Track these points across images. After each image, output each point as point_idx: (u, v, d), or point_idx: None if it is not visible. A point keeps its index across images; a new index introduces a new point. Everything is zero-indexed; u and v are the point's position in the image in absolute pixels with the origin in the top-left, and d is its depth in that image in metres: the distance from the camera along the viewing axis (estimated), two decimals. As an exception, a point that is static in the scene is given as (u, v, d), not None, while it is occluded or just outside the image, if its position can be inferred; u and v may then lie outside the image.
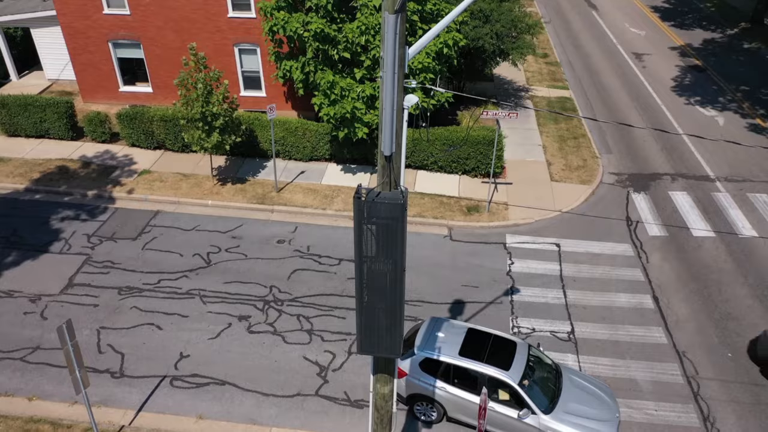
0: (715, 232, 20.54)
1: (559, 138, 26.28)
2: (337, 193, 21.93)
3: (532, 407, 12.94)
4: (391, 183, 8.11)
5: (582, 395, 13.56)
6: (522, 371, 13.31)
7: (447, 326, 14.40)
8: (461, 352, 13.59)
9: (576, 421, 12.92)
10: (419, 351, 13.76)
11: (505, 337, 14.17)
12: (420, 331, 14.34)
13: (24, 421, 13.69)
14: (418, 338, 14.09)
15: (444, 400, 13.63)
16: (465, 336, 14.00)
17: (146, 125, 23.66)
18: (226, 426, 13.84)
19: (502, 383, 13.19)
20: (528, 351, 13.90)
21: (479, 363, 13.35)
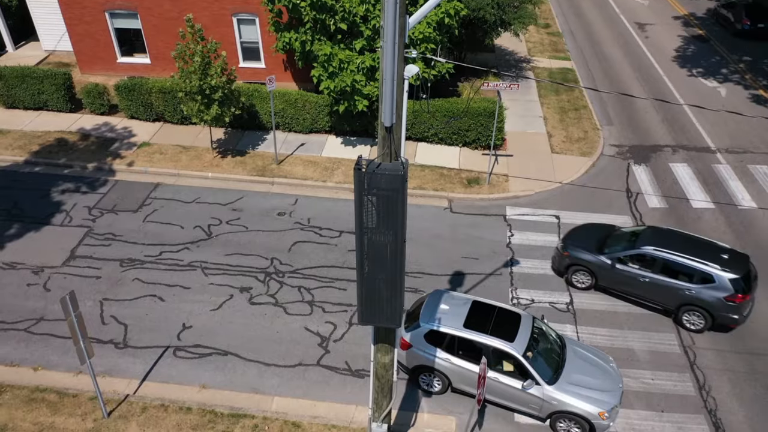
0: (715, 203, 20.58)
1: (560, 109, 26.15)
2: (337, 166, 21.91)
3: (536, 378, 13.06)
4: (391, 154, 8.12)
5: (585, 366, 13.68)
6: (526, 343, 13.39)
7: (451, 299, 14.49)
8: (466, 324, 13.69)
9: (579, 391, 13.07)
10: (424, 323, 13.87)
11: (510, 310, 14.26)
12: (425, 303, 14.43)
13: (30, 391, 13.90)
14: (422, 311, 14.18)
15: (448, 372, 13.75)
16: (469, 308, 14.10)
17: (145, 97, 23.53)
18: (229, 395, 14.06)
19: (506, 355, 13.29)
20: (532, 323, 13.98)
21: (484, 335, 13.45)
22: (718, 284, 15.24)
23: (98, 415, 13.38)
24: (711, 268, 15.39)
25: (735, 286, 15.14)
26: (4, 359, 14.71)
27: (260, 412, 13.60)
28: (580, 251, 16.83)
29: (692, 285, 15.51)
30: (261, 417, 13.47)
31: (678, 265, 15.67)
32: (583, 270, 16.83)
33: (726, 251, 16.02)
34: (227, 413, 13.53)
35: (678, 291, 15.66)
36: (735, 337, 15.75)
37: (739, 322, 15.49)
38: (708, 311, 15.40)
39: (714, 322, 15.50)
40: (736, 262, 15.64)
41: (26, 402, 13.62)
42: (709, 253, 15.81)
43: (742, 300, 15.11)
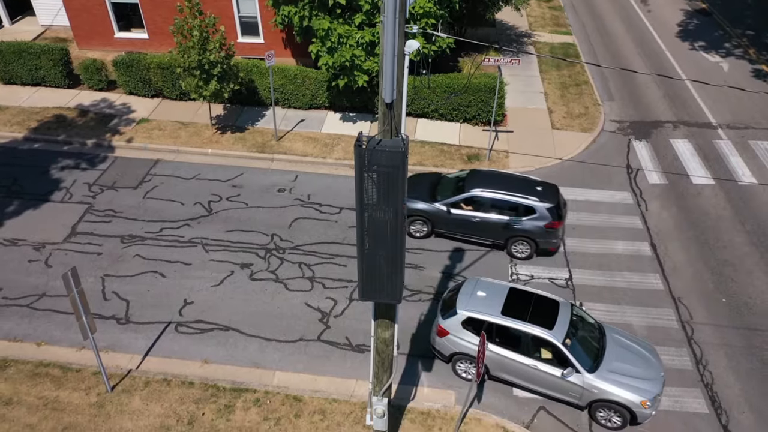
0: (715, 179, 20.57)
1: (561, 85, 25.99)
2: (337, 142, 21.84)
3: (576, 366, 12.94)
4: (392, 131, 8.09)
5: (626, 354, 13.48)
6: (565, 330, 13.24)
7: (488, 286, 14.33)
8: (504, 311, 13.55)
9: (620, 379, 12.90)
10: (461, 310, 13.73)
11: (548, 297, 14.07)
12: (461, 290, 14.30)
13: (34, 365, 14.04)
14: (459, 297, 14.06)
15: (486, 359, 13.59)
16: (507, 295, 13.95)
17: (143, 73, 23.36)
18: (231, 369, 14.21)
19: (545, 342, 13.17)
20: (571, 310, 13.84)
21: (522, 322, 13.30)
22: (539, 214, 16.71)
23: (102, 389, 13.55)
24: (531, 201, 16.78)
25: (552, 215, 16.68)
26: (8, 335, 14.84)
27: (262, 387, 13.76)
28: (416, 202, 17.52)
29: (518, 218, 16.85)
30: (262, 391, 13.64)
31: (504, 202, 16.92)
32: (420, 219, 17.59)
33: (539, 184, 17.39)
34: (229, 387, 13.69)
35: (506, 225, 16.98)
36: (733, 312, 15.88)
37: (557, 246, 17.25)
38: (532, 239, 16.92)
39: (537, 248, 17.09)
40: (550, 193, 17.10)
41: (30, 376, 13.78)
42: (526, 188, 17.13)
43: (558, 226, 16.75)
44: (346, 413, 13.25)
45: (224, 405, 13.31)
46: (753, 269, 17.18)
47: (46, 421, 12.88)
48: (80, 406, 13.20)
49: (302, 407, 13.34)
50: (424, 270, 16.91)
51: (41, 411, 13.07)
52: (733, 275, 16.99)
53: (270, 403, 13.39)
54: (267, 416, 13.12)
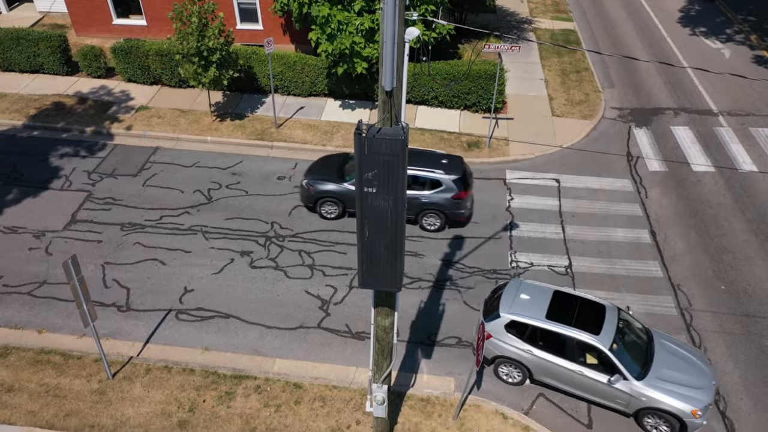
0: (716, 167, 20.54)
1: (562, 72, 25.88)
2: (336, 129, 21.78)
3: (623, 372, 12.61)
4: (392, 119, 8.07)
5: (675, 361, 13.10)
6: (612, 336, 12.89)
7: (532, 288, 14.03)
8: (548, 315, 13.26)
9: (670, 387, 12.55)
10: (504, 313, 13.49)
11: (594, 300, 13.74)
12: (504, 292, 14.03)
13: (35, 353, 14.10)
14: (503, 300, 13.80)
15: (529, 363, 13.41)
16: (552, 298, 13.67)
17: (142, 60, 23.25)
18: (232, 357, 14.27)
19: (591, 348, 12.83)
20: (618, 315, 13.47)
21: (568, 327, 13.01)
22: (445, 187, 17.08)
23: (103, 376, 13.61)
24: (437, 174, 17.13)
25: (458, 186, 17.07)
26: (9, 322, 14.89)
27: (262, 374, 13.83)
28: (325, 183, 17.63)
29: (426, 192, 17.14)
30: (263, 378, 13.71)
31: (411, 177, 17.12)
32: (330, 200, 17.69)
33: (444, 157, 17.71)
34: (230, 375, 13.76)
35: (416, 200, 17.24)
36: (732, 299, 15.92)
37: (465, 215, 17.56)
38: (441, 211, 17.25)
39: (447, 220, 17.43)
40: (455, 165, 17.42)
41: (32, 364, 13.84)
42: (432, 161, 17.44)
43: (465, 196, 17.18)
44: (346, 400, 13.32)
45: (225, 392, 13.38)
46: (752, 256, 17.21)
47: (47, 407, 12.95)
48: (82, 392, 13.27)
49: (302, 394, 13.41)
50: (423, 258, 16.93)
51: (43, 398, 13.14)
52: (732, 262, 17.02)
53: (270, 390, 13.47)
54: (267, 403, 13.20)
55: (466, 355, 14.47)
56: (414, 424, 12.90)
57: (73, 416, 12.81)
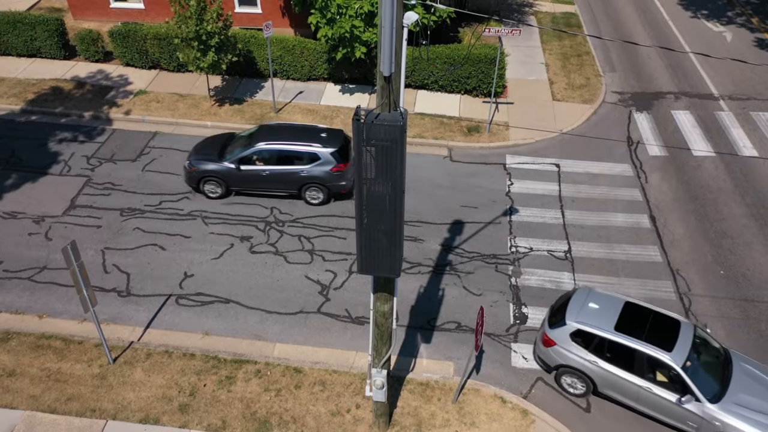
0: (716, 152, 20.49)
1: (563, 56, 25.72)
2: (336, 114, 21.70)
3: (695, 393, 11.94)
4: (390, 104, 8.03)
5: (755, 386, 12.27)
6: (686, 353, 12.25)
7: (602, 298, 13.50)
8: (618, 327, 12.73)
9: (747, 414, 11.70)
10: (571, 321, 13.04)
11: (668, 315, 13.11)
12: (572, 300, 13.57)
13: (36, 338, 14.16)
14: (570, 307, 13.34)
15: (594, 374, 12.90)
16: (622, 310, 13.12)
17: (140, 44, 23.10)
18: (232, 342, 14.34)
19: (662, 364, 12.23)
20: (693, 332, 12.81)
21: (638, 341, 12.45)
22: (323, 160, 17.31)
23: (104, 361, 13.69)
24: (314, 148, 17.35)
25: (336, 158, 17.30)
26: (9, 307, 14.94)
27: (262, 358, 13.90)
28: (205, 163, 17.70)
29: (305, 167, 17.34)
30: (263, 363, 13.78)
31: (289, 152, 17.37)
32: (212, 179, 17.76)
33: (324, 131, 17.94)
34: (230, 359, 13.83)
35: (295, 175, 17.45)
36: (731, 284, 15.96)
37: (347, 188, 17.74)
38: (323, 185, 17.52)
39: (330, 192, 17.71)
40: (333, 138, 17.70)
41: (33, 348, 13.91)
42: (310, 136, 17.68)
43: (344, 168, 17.42)
44: (346, 384, 13.40)
45: (225, 376, 13.46)
46: (752, 241, 17.22)
47: (49, 392, 13.04)
48: (83, 377, 13.36)
49: (302, 378, 13.49)
50: (423, 243, 16.95)
51: (44, 382, 13.22)
52: (731, 247, 17.03)
53: (271, 375, 13.55)
54: (268, 387, 13.28)
55: (466, 339, 14.53)
56: (413, 408, 12.99)
57: (74, 400, 12.90)
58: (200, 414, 12.74)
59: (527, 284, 15.83)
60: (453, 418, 12.83)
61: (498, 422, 12.78)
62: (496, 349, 14.34)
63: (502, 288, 15.73)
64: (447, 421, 12.76)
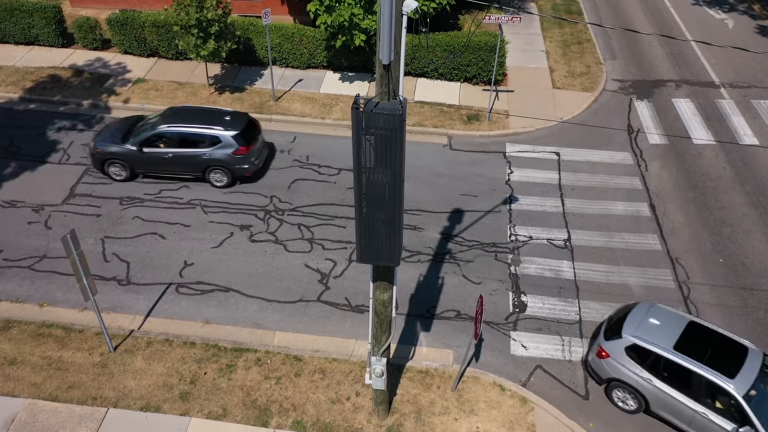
0: (717, 140, 20.44)
1: (563, 43, 25.59)
2: (335, 102, 21.62)
3: (757, 427, 11.25)
4: (389, 93, 8.00)
5: None
6: (750, 383, 11.62)
7: (664, 314, 13.07)
8: (677, 346, 12.29)
9: None
10: (627, 335, 12.68)
11: (736, 340, 12.55)
12: (632, 313, 13.19)
13: (37, 326, 14.21)
14: (628, 321, 12.98)
15: (647, 393, 12.53)
16: (684, 329, 12.63)
17: (138, 31, 22.97)
18: (232, 330, 14.38)
19: (723, 391, 11.67)
20: (762, 360, 12.20)
21: (698, 363, 11.97)
22: (225, 143, 17.38)
23: (104, 349, 13.74)
24: (215, 130, 17.41)
25: (238, 141, 17.38)
26: (10, 296, 14.97)
27: (262, 347, 13.95)
28: (109, 145, 17.70)
29: (206, 149, 17.41)
30: (263, 351, 13.83)
31: (190, 135, 17.43)
32: (116, 162, 17.80)
33: (228, 114, 18.05)
34: (230, 347, 13.88)
35: (198, 157, 17.52)
36: (730, 272, 15.98)
37: (251, 170, 17.83)
38: (225, 167, 17.57)
39: (233, 175, 17.76)
40: (236, 121, 17.76)
41: (34, 337, 13.95)
42: (213, 118, 17.75)
43: (247, 151, 17.50)
44: (346, 372, 13.46)
45: (226, 364, 13.52)
46: (751, 229, 17.23)
47: (50, 380, 13.10)
48: (84, 365, 13.41)
49: (302, 366, 13.55)
50: (423, 231, 16.96)
51: (46, 370, 13.28)
52: (731, 236, 17.04)
53: (271, 363, 13.60)
54: (268, 375, 13.34)
55: (465, 327, 14.58)
56: (413, 395, 13.06)
57: (75, 388, 12.96)
58: (201, 402, 12.81)
59: (526, 273, 15.86)
60: (452, 405, 12.90)
61: (497, 410, 12.85)
62: (496, 338, 14.39)
63: (501, 276, 15.76)
64: (446, 409, 12.83)
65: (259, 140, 18.18)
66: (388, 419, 12.61)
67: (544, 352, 14.11)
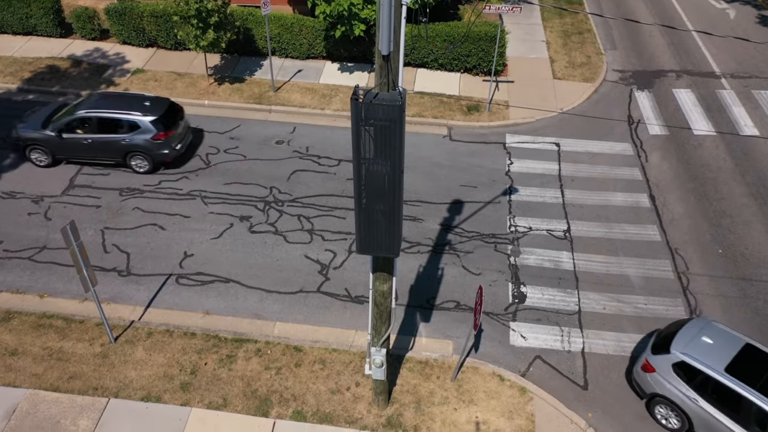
0: (717, 131, 20.40)
1: (564, 33, 25.49)
2: (335, 93, 21.56)
3: None
4: (389, 84, 7.98)
5: None
6: None
7: (718, 333, 12.48)
8: (729, 369, 11.75)
9: None
10: (676, 351, 12.22)
11: None
12: (684, 328, 12.66)
13: (37, 317, 14.24)
14: (678, 337, 12.49)
15: (693, 413, 12.05)
16: (740, 351, 12.06)
17: (137, 21, 22.87)
18: (232, 321, 14.42)
19: None
20: None
21: (750, 389, 11.43)
22: (143, 128, 17.43)
23: (105, 340, 13.78)
24: (134, 116, 17.46)
25: (156, 127, 17.45)
26: (10, 287, 14.99)
27: (263, 337, 13.99)
28: (30, 131, 17.72)
29: (125, 135, 17.47)
30: (263, 342, 13.87)
31: (108, 120, 17.46)
32: (37, 147, 17.84)
33: (148, 99, 18.08)
34: (230, 338, 13.92)
35: (117, 143, 17.57)
36: (729, 263, 16.00)
37: (171, 156, 17.89)
38: (145, 153, 17.64)
39: (154, 161, 17.85)
40: (155, 107, 17.79)
41: (34, 328, 13.99)
42: (133, 104, 17.77)
43: (166, 137, 17.55)
44: (346, 362, 13.51)
45: (226, 355, 13.57)
46: (751, 220, 17.23)
47: (51, 370, 13.15)
48: (85, 356, 13.46)
49: (302, 357, 13.60)
50: (422, 222, 16.96)
51: (46, 361, 13.32)
52: (730, 226, 17.05)
53: (271, 353, 13.65)
54: (268, 365, 13.39)
55: (465, 318, 14.62)
56: (412, 386, 13.11)
57: (76, 379, 13.01)
58: (201, 392, 12.86)
59: (526, 263, 15.88)
60: (452, 395, 12.95)
61: (496, 399, 12.91)
62: (495, 328, 14.43)
63: (501, 267, 15.78)
64: (446, 399, 12.88)
65: (181, 126, 18.23)
66: (387, 409, 12.68)
67: (544, 342, 14.16)
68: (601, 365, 13.74)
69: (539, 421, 12.63)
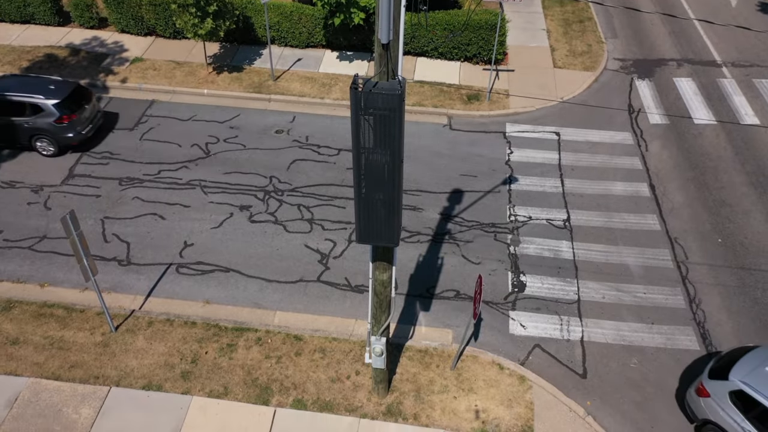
0: (717, 120, 20.36)
1: (564, 22, 25.37)
2: (334, 82, 21.50)
3: None
4: (388, 72, 7.95)
5: None
6: None
7: None
8: None
9: None
10: (735, 378, 11.58)
11: None
12: (748, 356, 11.95)
13: (38, 306, 14.28)
14: (740, 363, 11.81)
15: None
16: None
17: (135, 10, 22.75)
18: (232, 310, 14.46)
19: None
20: None
21: None
22: (46, 111, 17.42)
23: (106, 329, 13.82)
24: (36, 99, 17.42)
25: (59, 110, 17.45)
26: (11, 276, 15.02)
27: (263, 326, 14.04)
28: None
29: (28, 118, 17.46)
30: (264, 331, 13.92)
31: (11, 102, 17.41)
32: None
33: (54, 82, 18.01)
34: (231, 327, 13.97)
35: (20, 126, 17.59)
36: (728, 252, 16.02)
37: (77, 139, 17.92)
38: (50, 136, 17.67)
39: (59, 144, 17.89)
40: (59, 90, 17.75)
41: (35, 317, 14.04)
42: (36, 87, 17.72)
43: (70, 120, 17.58)
44: (346, 351, 13.56)
45: (226, 344, 13.62)
46: (751, 209, 17.24)
47: (52, 359, 13.20)
48: (86, 345, 13.51)
49: (303, 346, 13.65)
50: (422, 211, 16.97)
51: (48, 350, 13.38)
52: (730, 215, 17.06)
53: (271, 342, 13.70)
54: (268, 354, 13.45)
55: (464, 307, 14.66)
56: (412, 374, 13.17)
57: (78, 368, 13.06)
58: (202, 381, 12.92)
59: (526, 253, 15.91)
60: (451, 384, 13.02)
61: (496, 388, 12.97)
62: (494, 317, 14.47)
63: (500, 256, 15.80)
64: (445, 387, 12.95)
65: (88, 109, 18.21)
66: (387, 397, 12.74)
67: (543, 331, 14.21)
68: (600, 354, 13.79)
69: (538, 409, 12.70)
